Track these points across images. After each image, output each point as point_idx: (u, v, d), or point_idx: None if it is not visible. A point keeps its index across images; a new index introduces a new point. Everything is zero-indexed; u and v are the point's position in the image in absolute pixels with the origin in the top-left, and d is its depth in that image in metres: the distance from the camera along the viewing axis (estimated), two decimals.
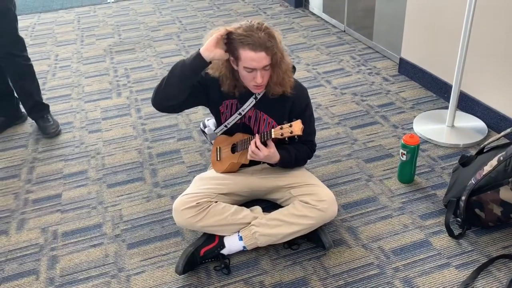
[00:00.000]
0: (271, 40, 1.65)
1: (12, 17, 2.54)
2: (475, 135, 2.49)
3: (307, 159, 1.96)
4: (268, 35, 1.64)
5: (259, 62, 1.64)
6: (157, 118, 2.88)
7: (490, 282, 1.69)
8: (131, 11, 4.84)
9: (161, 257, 1.89)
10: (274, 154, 1.76)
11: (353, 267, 1.79)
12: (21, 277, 1.85)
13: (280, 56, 1.69)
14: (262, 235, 1.78)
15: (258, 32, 1.63)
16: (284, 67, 1.73)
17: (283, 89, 1.77)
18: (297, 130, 1.63)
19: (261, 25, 1.66)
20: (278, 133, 1.66)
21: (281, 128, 1.66)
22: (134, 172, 2.41)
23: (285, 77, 1.75)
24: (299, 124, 1.64)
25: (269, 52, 1.64)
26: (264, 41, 1.62)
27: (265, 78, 1.71)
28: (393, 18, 3.30)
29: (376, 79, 3.15)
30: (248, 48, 1.63)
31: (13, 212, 2.20)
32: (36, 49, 4.00)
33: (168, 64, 3.58)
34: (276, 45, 1.67)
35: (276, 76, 1.73)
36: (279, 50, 1.69)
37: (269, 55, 1.65)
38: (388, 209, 2.06)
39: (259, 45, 1.62)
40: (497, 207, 1.80)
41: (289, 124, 1.65)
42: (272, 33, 1.67)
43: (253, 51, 1.62)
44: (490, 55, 2.46)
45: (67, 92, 3.28)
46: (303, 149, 1.90)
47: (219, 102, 1.88)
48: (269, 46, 1.63)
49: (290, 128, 1.64)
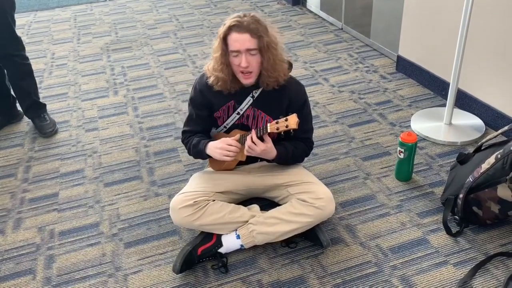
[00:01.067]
0: (256, 25, 1.68)
1: (10, 17, 2.53)
2: (473, 132, 2.49)
3: (304, 156, 1.96)
4: (253, 20, 1.69)
5: (242, 44, 1.67)
6: (154, 117, 2.87)
7: (487, 279, 1.69)
8: (128, 9, 4.83)
9: (159, 256, 1.89)
10: (271, 149, 1.76)
11: (350, 265, 1.79)
12: (18, 277, 1.84)
13: (268, 41, 1.70)
14: (259, 234, 1.78)
15: (244, 17, 1.69)
16: (275, 53, 1.74)
17: (276, 76, 1.76)
18: (293, 123, 1.63)
19: (249, 14, 1.71)
20: (274, 128, 1.66)
21: (276, 122, 1.67)
22: (131, 171, 2.40)
23: (276, 62, 1.74)
24: (295, 118, 1.64)
25: (253, 34, 1.67)
26: (248, 24, 1.67)
27: (252, 63, 1.71)
28: (390, 16, 3.30)
29: (374, 77, 3.15)
30: (233, 31, 1.68)
31: (9, 211, 2.19)
32: (33, 48, 3.99)
33: (164, 62, 3.57)
34: (262, 30, 1.69)
35: (267, 61, 1.72)
36: (269, 36, 1.71)
37: (253, 38, 1.67)
38: (386, 207, 2.05)
39: (243, 27, 1.67)
40: (494, 205, 1.80)
41: (285, 118, 1.65)
42: (258, 19, 1.70)
43: (237, 32, 1.67)
44: (488, 53, 2.46)
45: (63, 91, 3.26)
46: (300, 146, 1.90)
47: (216, 109, 1.89)
48: (252, 28, 1.67)
49: (285, 122, 1.65)
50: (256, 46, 1.68)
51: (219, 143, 1.78)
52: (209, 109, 1.90)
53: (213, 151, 1.80)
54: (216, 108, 1.87)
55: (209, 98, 1.85)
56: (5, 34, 2.53)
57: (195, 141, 1.88)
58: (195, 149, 1.88)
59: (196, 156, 1.92)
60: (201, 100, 1.87)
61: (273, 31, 1.74)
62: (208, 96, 1.85)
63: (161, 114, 2.89)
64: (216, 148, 1.78)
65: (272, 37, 1.72)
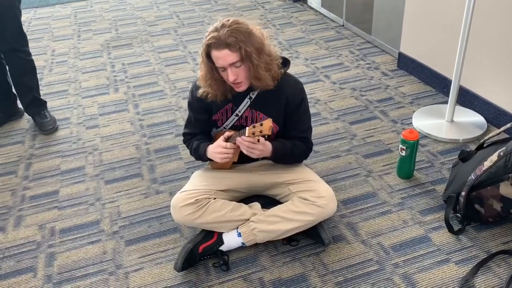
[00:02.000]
0: (236, 36, 1.61)
1: (18, 12, 2.52)
2: (475, 130, 2.48)
3: (303, 157, 1.94)
4: (231, 31, 1.61)
5: (224, 60, 1.64)
6: (155, 114, 2.86)
7: (489, 278, 1.69)
8: (128, 6, 4.81)
9: (160, 254, 1.88)
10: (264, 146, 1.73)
11: (352, 263, 1.78)
12: (19, 275, 1.84)
13: (249, 50, 1.63)
14: (261, 232, 1.77)
15: (222, 30, 1.61)
16: (259, 59, 1.67)
17: (266, 83, 1.73)
18: (266, 129, 1.58)
19: (227, 22, 1.64)
20: (250, 132, 1.63)
21: (253, 126, 1.62)
22: (132, 168, 2.39)
23: (260, 69, 1.69)
24: (269, 122, 1.59)
25: (232, 48, 1.62)
26: (225, 38, 1.60)
27: (240, 75, 1.68)
28: (392, 12, 3.28)
29: (375, 74, 3.14)
30: (212, 48, 1.64)
31: (10, 209, 2.18)
32: (33, 44, 3.97)
33: (165, 59, 3.56)
34: (242, 39, 1.62)
35: (254, 70, 1.67)
36: (251, 42, 1.64)
37: (234, 51, 1.62)
38: (388, 204, 2.05)
39: (221, 43, 1.61)
40: (497, 203, 1.79)
41: (260, 123, 1.61)
42: (237, 28, 1.63)
43: (215, 49, 1.63)
44: (490, 49, 2.44)
45: (64, 88, 3.26)
46: (299, 145, 1.88)
47: (214, 112, 1.88)
48: (230, 43, 1.61)
49: (260, 127, 1.60)
50: (238, 58, 1.64)
51: (216, 148, 1.78)
52: (208, 112, 1.89)
53: (212, 156, 1.80)
54: (214, 111, 1.87)
55: (206, 102, 1.83)
56: (12, 28, 2.52)
57: (195, 145, 1.89)
58: (196, 154, 1.90)
59: (198, 159, 1.95)
60: (198, 104, 1.86)
61: (256, 32, 1.68)
62: (205, 100, 1.83)
63: (161, 111, 2.88)
64: (214, 153, 1.79)
65: (255, 42, 1.66)
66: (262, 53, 1.69)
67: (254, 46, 1.65)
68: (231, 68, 1.66)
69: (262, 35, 1.71)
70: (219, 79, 1.75)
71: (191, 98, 1.90)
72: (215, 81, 1.75)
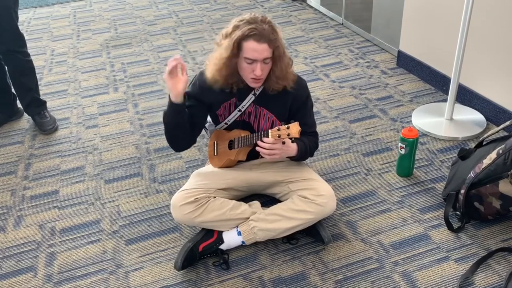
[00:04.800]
0: (274, 34, 1.66)
1: (14, 14, 2.52)
2: (474, 128, 2.48)
3: (314, 150, 1.94)
4: (272, 29, 1.66)
5: (261, 53, 1.64)
6: (155, 113, 2.86)
7: (489, 275, 1.69)
8: (128, 5, 4.81)
9: (160, 253, 1.88)
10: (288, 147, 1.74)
11: (352, 261, 1.78)
12: (19, 274, 1.84)
13: (282, 50, 1.69)
14: (260, 230, 1.78)
15: (263, 24, 1.65)
16: (286, 61, 1.73)
17: (285, 83, 1.76)
18: (295, 132, 1.60)
19: (265, 18, 1.68)
20: (275, 134, 1.64)
21: (278, 129, 1.63)
22: (132, 168, 2.39)
23: (287, 71, 1.74)
24: (297, 126, 1.61)
25: (271, 44, 1.65)
26: (268, 33, 1.64)
27: (265, 71, 1.70)
28: (391, 11, 3.28)
29: (375, 72, 3.14)
30: (252, 39, 1.63)
31: (10, 209, 2.18)
32: (32, 44, 3.97)
33: (164, 58, 3.56)
34: (278, 39, 1.68)
35: (280, 70, 1.71)
36: (281, 44, 1.70)
37: (271, 48, 1.66)
38: (387, 203, 2.05)
39: (263, 36, 1.63)
40: (496, 200, 1.80)
41: (287, 126, 1.62)
42: (275, 27, 1.69)
43: (256, 41, 1.63)
44: (489, 47, 2.44)
45: (63, 88, 3.26)
46: (312, 140, 1.90)
47: (217, 107, 1.87)
48: (272, 39, 1.64)
49: (287, 130, 1.61)
50: (271, 55, 1.67)
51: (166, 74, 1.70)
52: (205, 107, 1.87)
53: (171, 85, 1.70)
54: (217, 105, 1.86)
55: (208, 95, 1.83)
56: (9, 30, 2.52)
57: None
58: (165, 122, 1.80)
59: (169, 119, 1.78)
60: (199, 95, 1.84)
61: (281, 34, 1.72)
62: (208, 93, 1.82)
63: (161, 110, 2.88)
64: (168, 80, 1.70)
65: (283, 44, 1.71)
66: (285, 55, 1.73)
67: (282, 48, 1.70)
68: (261, 63, 1.67)
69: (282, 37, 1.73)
70: (235, 70, 1.73)
71: (192, 89, 1.85)
72: (231, 71, 1.72)
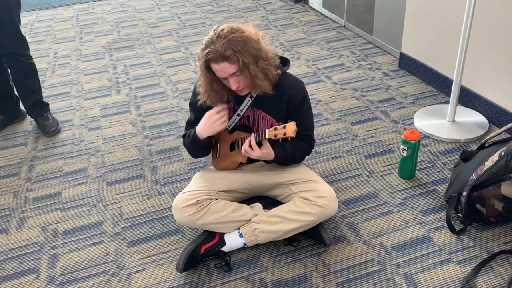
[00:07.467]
0: (232, 47, 1.61)
1: (16, 17, 2.53)
2: (476, 130, 2.48)
3: (305, 155, 1.96)
4: (228, 43, 1.61)
5: (224, 72, 1.66)
6: (157, 115, 2.87)
7: (491, 278, 1.69)
8: (130, 8, 4.82)
9: (162, 255, 1.89)
10: (268, 154, 1.77)
11: (354, 263, 1.78)
12: (22, 276, 1.84)
13: (246, 61, 1.64)
14: (262, 232, 1.78)
15: (218, 41, 1.62)
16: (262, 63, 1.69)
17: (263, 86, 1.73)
18: (290, 132, 1.63)
19: (222, 32, 1.63)
20: (272, 134, 1.67)
21: (275, 129, 1.66)
22: (134, 170, 2.40)
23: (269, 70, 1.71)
24: (293, 126, 1.63)
25: (231, 60, 1.63)
26: (222, 51, 1.61)
27: (242, 81, 1.71)
28: (393, 13, 3.28)
29: (377, 74, 3.14)
30: (211, 62, 1.66)
31: (13, 210, 2.19)
32: (35, 47, 3.99)
33: (167, 60, 3.57)
34: (239, 49, 1.62)
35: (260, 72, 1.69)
36: (247, 50, 1.64)
37: (232, 63, 1.64)
38: (389, 205, 2.05)
39: (219, 57, 1.62)
40: (498, 203, 1.79)
41: (283, 126, 1.65)
42: (232, 37, 1.62)
43: (215, 63, 1.65)
44: (491, 49, 2.44)
45: (66, 90, 3.27)
46: (300, 145, 1.89)
47: None
48: (229, 55, 1.61)
49: (283, 130, 1.64)
50: (237, 68, 1.66)
51: (204, 119, 1.79)
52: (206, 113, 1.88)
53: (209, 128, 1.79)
54: None
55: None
56: (11, 33, 2.53)
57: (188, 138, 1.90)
58: (191, 145, 1.89)
59: (192, 147, 1.90)
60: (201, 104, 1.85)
61: (252, 36, 1.67)
62: None
63: (163, 112, 2.89)
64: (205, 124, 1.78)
65: (251, 50, 1.65)
66: (259, 60, 1.69)
67: (251, 55, 1.65)
68: (232, 77, 1.68)
69: (258, 37, 1.70)
70: (219, 90, 1.77)
71: (194, 98, 1.90)
72: (215, 93, 1.78)
